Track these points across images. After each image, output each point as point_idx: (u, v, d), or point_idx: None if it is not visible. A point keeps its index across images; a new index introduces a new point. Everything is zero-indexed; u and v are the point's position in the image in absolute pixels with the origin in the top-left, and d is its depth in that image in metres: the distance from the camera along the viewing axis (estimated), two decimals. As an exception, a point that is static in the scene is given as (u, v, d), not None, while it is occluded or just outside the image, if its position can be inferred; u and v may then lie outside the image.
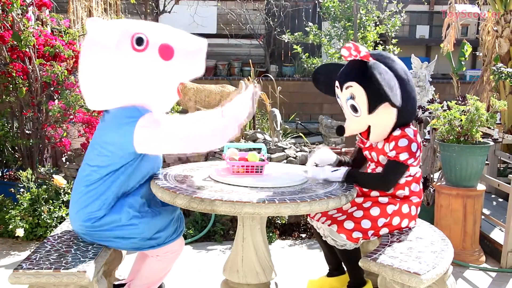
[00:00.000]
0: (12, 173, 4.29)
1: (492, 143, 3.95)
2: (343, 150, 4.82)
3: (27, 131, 4.27)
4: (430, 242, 2.37)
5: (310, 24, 8.45)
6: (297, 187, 2.21)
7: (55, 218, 3.63)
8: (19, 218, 3.53)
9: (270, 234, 3.79)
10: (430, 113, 3.97)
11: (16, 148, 4.37)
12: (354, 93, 2.36)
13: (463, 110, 3.43)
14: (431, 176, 4.01)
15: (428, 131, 4.12)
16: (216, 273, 3.04)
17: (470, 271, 3.35)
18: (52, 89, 4.21)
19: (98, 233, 2.29)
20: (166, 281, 2.70)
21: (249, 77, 5.54)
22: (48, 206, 3.66)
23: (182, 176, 2.34)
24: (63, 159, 4.59)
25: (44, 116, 4.19)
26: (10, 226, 3.49)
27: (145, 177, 2.39)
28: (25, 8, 4.01)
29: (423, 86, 4.36)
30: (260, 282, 2.35)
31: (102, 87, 2.25)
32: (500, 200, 4.55)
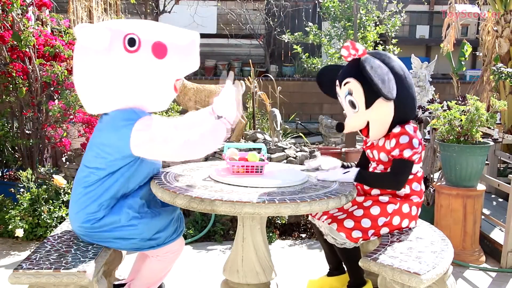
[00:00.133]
0: (12, 173, 4.29)
1: (492, 143, 3.95)
2: (343, 150, 4.82)
3: (27, 131, 4.27)
4: (430, 242, 2.37)
5: (310, 24, 8.45)
6: (297, 187, 2.21)
7: (55, 218, 3.63)
8: (19, 218, 3.53)
9: (270, 234, 3.79)
10: (430, 113, 3.97)
11: (16, 148, 4.37)
12: (352, 89, 2.41)
13: (463, 110, 3.43)
14: (431, 176, 4.02)
15: (428, 131, 4.12)
16: (216, 273, 3.04)
17: (470, 271, 3.35)
18: (52, 89, 4.21)
19: (98, 234, 2.28)
20: (166, 281, 2.70)
21: (249, 77, 5.54)
22: (48, 206, 3.66)
23: (182, 176, 2.34)
24: (63, 159, 4.59)
25: (44, 116, 4.19)
26: (10, 226, 3.49)
27: (145, 179, 2.39)
28: (25, 8, 4.01)
29: (423, 86, 4.36)
30: (260, 282, 2.35)
31: (99, 92, 2.24)
32: (500, 200, 4.55)
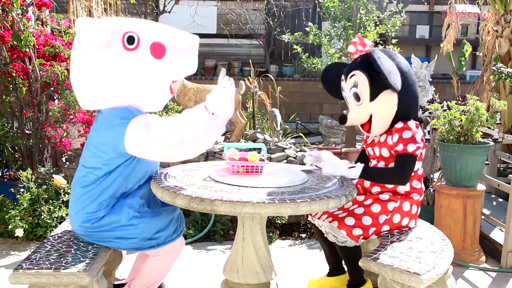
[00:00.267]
0: (12, 173, 4.29)
1: (492, 143, 3.95)
2: (343, 150, 4.82)
3: (27, 131, 4.27)
4: (430, 242, 2.37)
5: (310, 24, 8.44)
6: (297, 187, 2.21)
7: (55, 218, 3.63)
8: (19, 218, 3.53)
9: (270, 234, 3.79)
10: (430, 113, 3.97)
11: (16, 148, 4.37)
12: (357, 81, 2.44)
13: (463, 110, 3.43)
14: (431, 176, 4.01)
15: (428, 131, 4.12)
16: (216, 273, 3.04)
17: (470, 271, 3.35)
18: (52, 89, 4.21)
19: (98, 234, 2.29)
20: (166, 281, 2.70)
21: (249, 77, 5.54)
22: (48, 206, 3.66)
23: (182, 176, 2.34)
24: (63, 159, 4.60)
25: (44, 116, 4.19)
26: (10, 226, 3.50)
27: (144, 178, 2.39)
28: (25, 8, 4.01)
29: (423, 86, 4.36)
30: (260, 282, 2.35)
31: (94, 87, 2.24)
32: (500, 200, 4.55)
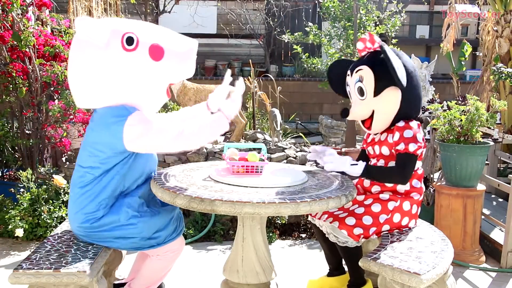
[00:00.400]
0: (12, 173, 4.29)
1: (492, 143, 3.95)
2: (343, 150, 4.82)
3: (27, 131, 4.27)
4: (430, 242, 2.37)
5: (310, 24, 8.43)
6: (297, 187, 2.21)
7: (55, 218, 3.63)
8: (19, 218, 3.53)
9: (270, 234, 3.79)
10: (430, 113, 3.97)
11: (16, 148, 4.37)
12: (363, 75, 2.45)
13: (463, 110, 3.43)
14: (431, 176, 4.02)
15: (428, 131, 4.12)
16: (216, 273, 3.04)
17: (470, 271, 3.35)
18: (52, 89, 4.21)
19: (98, 234, 2.28)
20: (166, 281, 2.70)
21: (249, 77, 5.54)
22: (48, 206, 3.66)
23: (182, 176, 2.34)
24: (63, 159, 4.60)
25: (44, 116, 4.19)
26: (10, 226, 3.50)
27: (141, 176, 2.39)
28: (25, 8, 4.01)
29: (423, 86, 4.36)
30: (260, 282, 2.35)
31: (92, 86, 2.25)
32: (500, 200, 4.55)
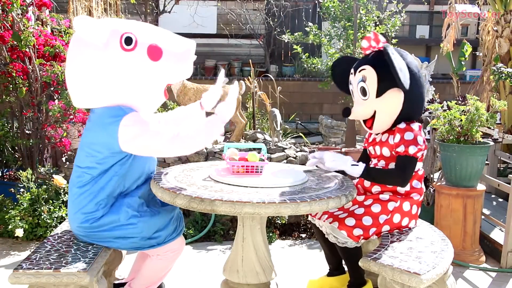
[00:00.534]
0: (12, 173, 4.29)
1: (492, 143, 3.95)
2: (343, 150, 4.81)
3: (27, 131, 4.27)
4: (430, 242, 2.37)
5: (310, 24, 8.44)
6: (297, 187, 2.21)
7: (55, 218, 3.63)
8: (19, 218, 3.53)
9: (270, 234, 3.79)
10: (430, 113, 3.97)
11: (16, 148, 4.37)
12: (366, 75, 2.44)
13: (463, 110, 3.43)
14: (431, 176, 4.02)
15: (428, 131, 4.12)
16: (216, 273, 3.04)
17: (470, 271, 3.35)
18: (52, 89, 4.21)
19: (97, 234, 2.28)
20: (166, 281, 2.70)
21: (249, 77, 5.54)
22: (48, 206, 3.66)
23: (182, 176, 2.34)
24: (63, 159, 4.59)
25: (44, 116, 4.19)
26: (10, 226, 3.49)
27: (141, 177, 2.39)
28: (25, 8, 4.01)
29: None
30: (260, 282, 2.35)
31: (90, 86, 2.25)
32: (500, 200, 4.55)
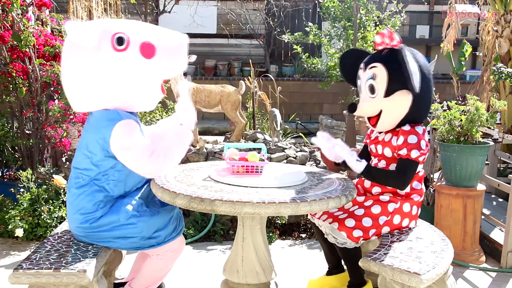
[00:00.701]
0: (12, 173, 4.29)
1: (492, 143, 3.95)
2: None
3: (27, 131, 4.27)
4: (430, 242, 2.37)
5: (310, 24, 8.45)
6: (297, 187, 2.21)
7: (55, 218, 3.63)
8: (19, 218, 3.53)
9: (270, 234, 3.79)
10: (430, 113, 3.97)
11: (16, 148, 4.37)
12: (376, 73, 2.41)
13: (463, 110, 3.43)
14: (431, 176, 4.02)
15: (428, 131, 4.12)
16: (216, 273, 3.04)
17: (470, 271, 3.35)
18: (52, 89, 4.21)
19: (97, 234, 2.28)
20: (166, 281, 2.70)
21: (249, 77, 5.54)
22: (48, 206, 3.66)
23: (182, 176, 2.34)
24: (63, 159, 4.59)
25: (44, 116, 4.19)
26: (10, 226, 3.49)
27: (141, 182, 2.41)
28: (25, 8, 4.01)
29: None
30: (260, 282, 2.35)
31: (86, 89, 2.25)
32: (500, 200, 4.55)
